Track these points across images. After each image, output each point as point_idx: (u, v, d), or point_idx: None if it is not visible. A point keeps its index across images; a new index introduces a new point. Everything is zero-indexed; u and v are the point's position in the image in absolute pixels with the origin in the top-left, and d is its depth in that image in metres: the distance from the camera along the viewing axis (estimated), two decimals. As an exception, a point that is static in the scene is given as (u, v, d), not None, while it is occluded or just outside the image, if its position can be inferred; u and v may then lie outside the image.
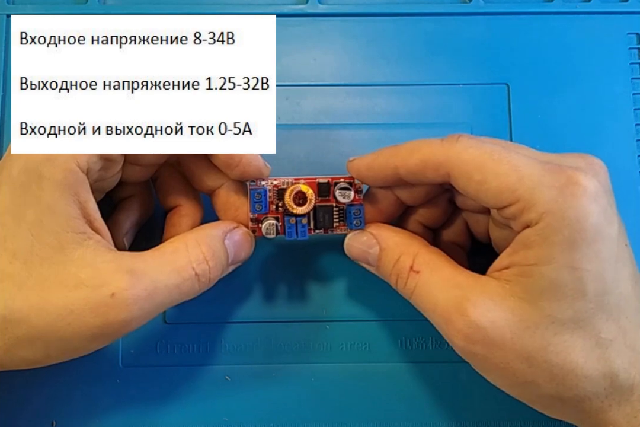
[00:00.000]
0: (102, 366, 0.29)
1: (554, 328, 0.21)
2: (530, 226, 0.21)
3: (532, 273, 0.21)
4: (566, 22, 0.32)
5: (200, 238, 0.24)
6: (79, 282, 0.21)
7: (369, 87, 0.32)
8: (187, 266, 0.23)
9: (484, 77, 0.32)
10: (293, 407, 0.29)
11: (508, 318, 0.21)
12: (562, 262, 0.21)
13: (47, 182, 0.21)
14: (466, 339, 0.22)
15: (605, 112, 0.32)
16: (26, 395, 0.28)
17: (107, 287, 0.21)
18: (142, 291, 0.22)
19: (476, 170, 0.22)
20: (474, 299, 0.22)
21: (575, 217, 0.21)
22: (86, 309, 0.21)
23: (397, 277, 0.24)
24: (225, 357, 0.29)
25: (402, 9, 0.32)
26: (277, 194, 0.26)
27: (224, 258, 0.25)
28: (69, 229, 0.21)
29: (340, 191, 0.26)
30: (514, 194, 0.21)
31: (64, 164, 0.22)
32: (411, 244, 0.25)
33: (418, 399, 0.29)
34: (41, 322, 0.21)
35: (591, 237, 0.21)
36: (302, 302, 0.30)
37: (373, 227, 0.26)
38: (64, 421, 0.28)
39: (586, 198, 0.21)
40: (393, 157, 0.24)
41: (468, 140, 0.23)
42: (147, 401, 0.29)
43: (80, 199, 0.22)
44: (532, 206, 0.21)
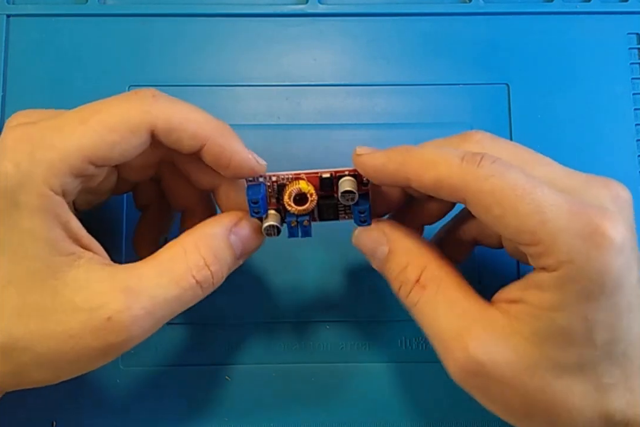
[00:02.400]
0: (103, 366, 0.29)
1: (555, 371, 0.20)
2: (547, 270, 0.20)
3: (543, 318, 0.20)
4: (566, 22, 0.32)
5: (199, 240, 0.23)
6: (75, 306, 0.21)
7: (368, 87, 0.32)
8: (187, 275, 0.22)
9: (484, 77, 0.32)
10: (293, 407, 0.29)
11: (509, 357, 0.21)
12: (575, 312, 0.20)
13: (25, 209, 0.21)
14: (463, 370, 0.21)
15: (606, 112, 0.32)
16: (26, 395, 0.28)
17: (104, 311, 0.21)
18: (139, 311, 0.21)
19: (496, 204, 0.20)
20: (476, 332, 0.21)
21: (597, 270, 0.19)
22: (86, 332, 0.21)
23: (400, 285, 0.23)
24: (225, 357, 0.29)
25: (402, 9, 0.32)
26: (277, 191, 0.25)
27: (229, 257, 0.23)
28: (56, 253, 0.21)
29: (343, 195, 0.24)
30: (534, 237, 0.20)
31: (36, 189, 0.21)
32: (422, 255, 0.23)
33: (418, 400, 0.29)
34: (44, 348, 0.21)
35: (610, 291, 0.20)
36: (302, 302, 0.30)
37: (386, 225, 0.24)
38: (64, 421, 0.28)
39: (612, 251, 0.19)
40: (405, 168, 0.22)
41: (490, 167, 0.21)
42: (147, 401, 0.29)
43: (61, 220, 0.21)
44: (552, 253, 0.20)
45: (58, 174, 0.21)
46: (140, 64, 0.31)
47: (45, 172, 0.21)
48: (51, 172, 0.21)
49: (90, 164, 0.22)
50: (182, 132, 0.23)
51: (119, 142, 0.22)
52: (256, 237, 0.25)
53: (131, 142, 0.22)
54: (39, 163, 0.21)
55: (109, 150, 0.22)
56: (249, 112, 0.31)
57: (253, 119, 0.31)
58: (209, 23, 0.32)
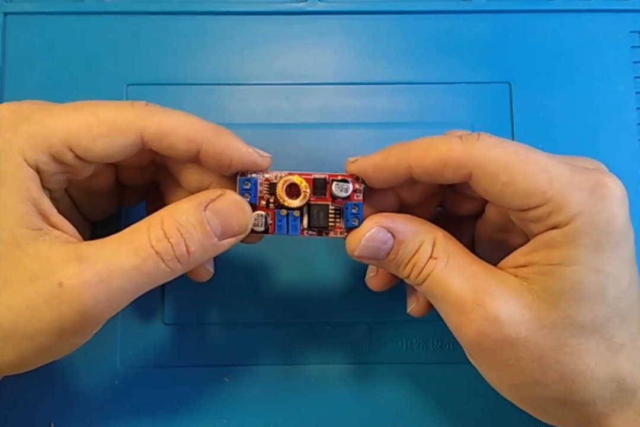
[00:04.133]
0: (100, 367, 0.29)
1: (571, 330, 0.21)
2: (558, 227, 0.21)
3: (555, 273, 0.21)
4: (568, 20, 0.32)
5: (166, 214, 0.22)
6: (33, 275, 0.20)
7: (369, 86, 0.31)
8: (145, 245, 0.21)
9: (485, 75, 0.31)
10: (293, 408, 0.29)
11: (525, 315, 0.21)
12: (587, 264, 0.21)
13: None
14: (478, 331, 0.21)
15: (608, 111, 0.31)
16: (25, 396, 0.28)
17: (56, 276, 0.20)
18: (92, 277, 0.20)
19: (503, 170, 0.21)
20: (491, 290, 0.21)
21: (605, 220, 0.21)
22: (40, 302, 0.20)
23: (412, 267, 0.23)
24: (223, 358, 0.29)
25: (403, 7, 0.32)
26: (269, 188, 0.24)
27: (198, 232, 0.22)
28: (23, 225, 0.21)
29: (337, 184, 0.24)
30: (544, 196, 0.21)
31: (12, 158, 0.21)
32: (428, 231, 0.23)
33: (418, 400, 0.29)
34: (5, 321, 0.20)
35: (616, 241, 0.21)
36: (302, 303, 0.29)
37: (384, 220, 0.24)
38: (62, 422, 0.28)
39: (615, 201, 0.21)
40: (406, 156, 0.23)
41: (490, 139, 0.22)
42: (146, 402, 0.29)
43: (33, 195, 0.21)
44: (563, 208, 0.21)
45: (35, 148, 0.21)
46: (138, 62, 0.31)
47: (23, 143, 0.21)
48: (29, 144, 0.21)
49: (69, 150, 0.22)
50: (175, 136, 0.23)
51: (105, 136, 0.22)
52: (236, 212, 0.23)
53: (117, 140, 0.22)
54: (20, 134, 0.21)
55: (92, 141, 0.22)
56: (248, 111, 0.31)
57: (252, 118, 0.31)
58: (208, 21, 0.32)
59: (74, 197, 0.26)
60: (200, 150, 0.23)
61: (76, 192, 0.26)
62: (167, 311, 0.29)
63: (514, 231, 0.24)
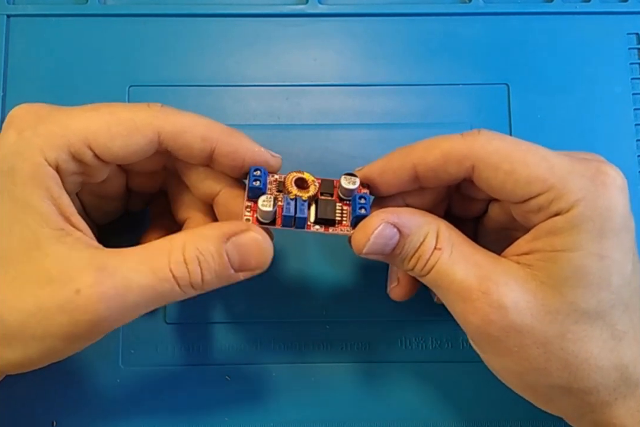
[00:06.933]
0: (102, 365, 0.29)
1: (575, 316, 0.21)
2: (560, 214, 0.21)
3: (558, 259, 0.21)
4: (566, 22, 0.32)
5: (189, 238, 0.22)
6: (49, 278, 0.20)
7: (368, 87, 0.32)
8: (165, 267, 0.21)
9: (483, 77, 0.32)
10: (293, 407, 0.29)
11: (530, 301, 0.21)
12: (591, 250, 0.21)
13: (19, 177, 0.21)
14: (484, 319, 0.21)
15: (605, 112, 0.32)
16: (26, 395, 0.28)
17: (74, 283, 0.20)
18: (109, 289, 0.20)
19: (504, 160, 0.22)
20: (496, 278, 0.22)
21: (606, 206, 0.21)
22: (53, 306, 0.20)
23: (418, 259, 0.23)
24: (225, 357, 0.29)
25: (402, 9, 0.32)
26: (277, 186, 0.24)
27: (216, 263, 0.22)
28: (45, 224, 0.21)
29: (346, 177, 0.24)
30: (545, 183, 0.21)
31: (32, 157, 0.21)
32: (431, 222, 0.23)
33: (418, 399, 0.29)
34: (14, 321, 0.20)
35: (618, 227, 0.21)
36: (302, 302, 0.30)
37: (390, 216, 0.23)
38: (64, 420, 0.28)
39: (616, 188, 0.21)
40: (409, 156, 0.23)
41: (490, 133, 0.23)
42: (147, 401, 0.29)
43: (53, 194, 0.21)
44: (564, 195, 0.21)
45: (55, 147, 0.21)
46: (140, 64, 0.31)
47: (43, 142, 0.21)
48: (49, 143, 0.21)
49: (89, 148, 0.22)
50: (191, 135, 0.23)
51: (124, 135, 0.22)
52: (257, 251, 0.23)
53: (136, 139, 0.22)
54: (40, 134, 0.21)
55: (110, 140, 0.22)
56: (249, 112, 0.31)
57: (253, 119, 0.31)
58: (209, 23, 0.32)
59: (84, 202, 0.26)
60: (214, 149, 0.23)
61: (87, 197, 0.26)
62: (168, 310, 0.29)
63: (516, 228, 0.24)
